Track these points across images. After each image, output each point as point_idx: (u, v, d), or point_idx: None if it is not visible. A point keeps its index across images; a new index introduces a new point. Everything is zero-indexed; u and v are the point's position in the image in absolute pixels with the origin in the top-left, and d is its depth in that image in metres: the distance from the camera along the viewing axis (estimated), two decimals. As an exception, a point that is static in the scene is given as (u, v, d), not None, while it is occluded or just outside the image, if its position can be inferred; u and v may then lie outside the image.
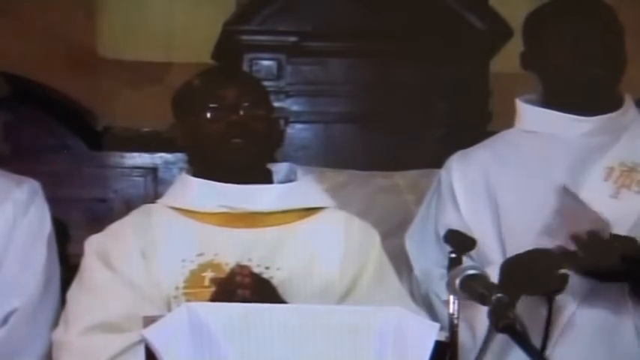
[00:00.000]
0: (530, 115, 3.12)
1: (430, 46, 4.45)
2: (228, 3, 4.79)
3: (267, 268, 2.70)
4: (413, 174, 4.02)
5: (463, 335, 2.51)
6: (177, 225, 2.79)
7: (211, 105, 2.79)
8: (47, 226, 3.03)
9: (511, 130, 3.17)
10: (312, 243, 2.80)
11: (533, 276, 2.80)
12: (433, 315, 2.84)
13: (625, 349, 2.93)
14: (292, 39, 4.45)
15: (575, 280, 2.85)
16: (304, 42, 4.45)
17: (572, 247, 2.85)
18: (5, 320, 2.90)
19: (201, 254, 2.74)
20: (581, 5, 3.06)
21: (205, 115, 2.79)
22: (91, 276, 2.76)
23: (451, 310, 2.38)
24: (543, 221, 2.92)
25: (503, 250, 2.98)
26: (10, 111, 4.50)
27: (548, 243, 2.86)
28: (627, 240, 2.84)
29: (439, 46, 4.44)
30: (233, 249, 2.73)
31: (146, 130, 4.56)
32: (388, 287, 2.85)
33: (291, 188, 2.85)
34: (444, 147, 3.47)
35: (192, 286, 2.72)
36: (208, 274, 2.75)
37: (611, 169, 3.00)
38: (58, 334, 2.73)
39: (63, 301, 2.96)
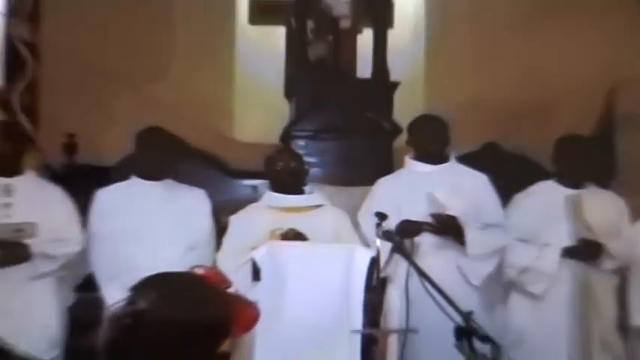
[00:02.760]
0: (411, 164, 4.54)
1: (366, 136, 6.63)
2: (282, 110, 7.15)
3: (303, 232, 4.01)
4: (361, 189, 5.02)
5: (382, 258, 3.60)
6: (265, 213, 4.14)
7: (279, 164, 4.18)
8: (209, 219, 4.36)
9: (404, 169, 4.59)
10: (318, 221, 4.07)
11: (402, 229, 4.14)
12: (368, 248, 3.91)
13: (455, 278, 4.28)
14: (310, 133, 6.80)
15: (430, 236, 4.27)
16: (316, 133, 6.80)
17: (429, 220, 4.27)
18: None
19: (277, 226, 4.07)
20: (429, 120, 4.61)
21: (277, 168, 4.19)
22: (230, 233, 4.26)
23: (378, 244, 3.57)
24: (425, 215, 4.12)
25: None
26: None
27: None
28: (449, 217, 4.32)
29: (370, 136, 6.67)
30: (286, 223, 4.05)
31: (252, 170, 6.15)
32: (352, 238, 4.12)
33: (310, 196, 4.21)
34: (374, 178, 4.66)
35: (272, 238, 4.06)
36: (278, 232, 4.10)
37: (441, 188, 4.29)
38: (219, 253, 4.19)
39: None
